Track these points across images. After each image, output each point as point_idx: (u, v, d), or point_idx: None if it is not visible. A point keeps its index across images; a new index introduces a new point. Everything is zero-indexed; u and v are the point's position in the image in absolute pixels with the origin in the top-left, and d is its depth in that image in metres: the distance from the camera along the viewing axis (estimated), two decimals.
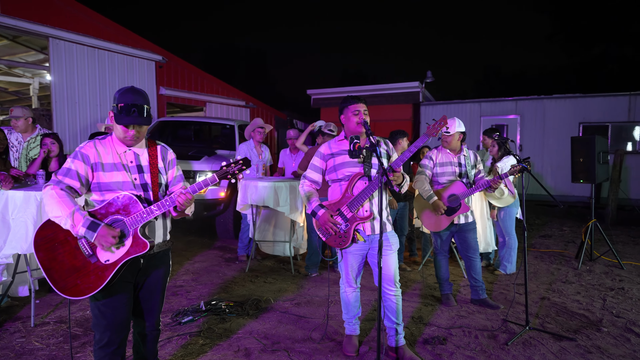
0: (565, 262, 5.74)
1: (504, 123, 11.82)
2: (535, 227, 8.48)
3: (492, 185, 3.82)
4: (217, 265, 5.37)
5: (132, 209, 2.11)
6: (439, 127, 2.83)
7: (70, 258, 2.12)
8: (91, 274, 2.10)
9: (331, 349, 3.08)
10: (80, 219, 2.02)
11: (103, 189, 2.15)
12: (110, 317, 2.14)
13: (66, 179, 2.10)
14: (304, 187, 3.01)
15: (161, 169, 2.32)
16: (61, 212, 2.02)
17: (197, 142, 7.89)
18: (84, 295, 2.08)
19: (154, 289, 2.33)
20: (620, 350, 3.16)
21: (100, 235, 2.01)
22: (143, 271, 2.26)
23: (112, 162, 2.18)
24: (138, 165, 2.24)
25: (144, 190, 2.22)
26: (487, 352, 3.07)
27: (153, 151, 2.32)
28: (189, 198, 2.16)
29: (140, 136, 2.23)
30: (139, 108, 2.14)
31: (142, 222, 2.10)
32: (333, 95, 14.25)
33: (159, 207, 2.13)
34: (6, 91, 14.27)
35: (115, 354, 2.17)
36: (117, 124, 2.15)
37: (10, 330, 3.29)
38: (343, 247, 2.89)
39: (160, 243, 2.29)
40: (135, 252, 2.10)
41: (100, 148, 2.19)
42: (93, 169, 2.15)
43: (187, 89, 11.73)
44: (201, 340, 3.19)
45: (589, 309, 4.00)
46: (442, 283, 4.17)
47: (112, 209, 2.12)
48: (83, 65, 9.26)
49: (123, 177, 2.17)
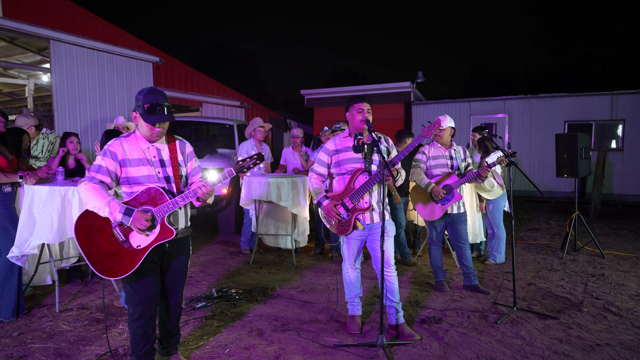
0: (551, 253, 6.08)
1: (493, 122, 12.21)
2: (524, 221, 8.84)
3: (481, 174, 4.12)
4: (222, 258, 5.62)
5: (159, 200, 2.36)
6: (433, 129, 3.12)
7: (106, 244, 2.37)
8: (125, 258, 2.35)
9: (336, 329, 3.36)
10: (117, 206, 2.28)
11: (131, 182, 2.40)
12: (142, 294, 2.40)
13: (98, 175, 2.35)
14: (312, 182, 3.29)
15: (181, 162, 2.55)
16: (98, 202, 2.27)
17: (197, 142, 8.11)
18: (120, 276, 2.32)
19: (178, 271, 2.59)
20: (598, 326, 3.48)
21: (135, 219, 2.26)
22: (168, 255, 2.51)
23: (138, 157, 2.41)
24: (160, 160, 2.47)
25: (167, 182, 2.45)
26: (479, 330, 3.37)
27: (173, 146, 2.54)
28: (209, 190, 2.41)
29: (164, 132, 2.47)
30: (163, 106, 2.38)
31: (168, 212, 2.35)
32: (326, 96, 14.54)
33: (183, 198, 2.38)
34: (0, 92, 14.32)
35: (146, 326, 2.43)
36: (144, 123, 2.39)
37: (38, 315, 3.52)
38: (345, 234, 3.18)
39: (182, 229, 2.54)
40: (163, 239, 2.36)
41: (126, 145, 2.42)
42: (121, 165, 2.39)
43: (183, 89, 11.94)
44: (216, 322, 3.45)
45: (571, 292, 4.34)
46: (437, 271, 4.47)
47: (141, 200, 2.36)
48: (83, 66, 9.43)
49: (148, 171, 2.41)
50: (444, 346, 3.06)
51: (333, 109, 14.42)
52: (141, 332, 2.42)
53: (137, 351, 2.43)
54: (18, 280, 3.49)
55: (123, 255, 2.36)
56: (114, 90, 10.09)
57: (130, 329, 2.43)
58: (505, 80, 32.45)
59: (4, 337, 3.14)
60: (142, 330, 2.42)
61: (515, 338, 3.22)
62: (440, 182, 4.28)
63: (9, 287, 3.44)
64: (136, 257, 2.35)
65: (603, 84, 22.17)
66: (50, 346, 2.99)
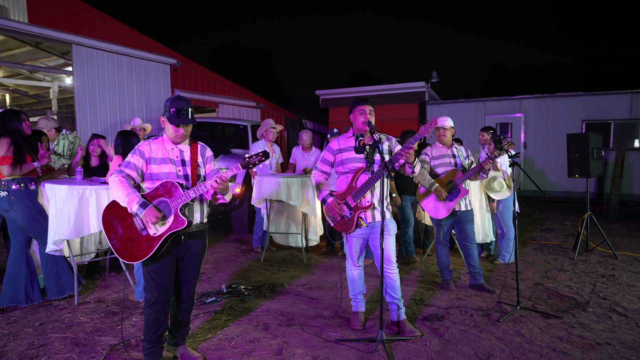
0: (562, 253, 6.05)
1: (509, 121, 12.10)
2: (538, 222, 8.77)
3: (483, 167, 4.16)
4: (234, 255, 5.78)
5: (174, 193, 2.55)
6: (430, 127, 3.19)
7: (127, 231, 2.58)
8: (143, 244, 2.53)
9: (340, 324, 3.46)
10: (135, 198, 2.49)
11: (154, 179, 2.63)
12: (158, 281, 2.58)
13: (126, 170, 2.60)
14: (315, 177, 3.40)
15: (200, 163, 2.76)
16: (121, 193, 2.51)
17: (212, 142, 8.31)
18: (137, 260, 2.52)
19: (191, 263, 2.74)
20: (601, 325, 3.50)
21: (147, 213, 2.46)
22: (183, 246, 2.68)
23: (162, 156, 2.65)
24: (182, 160, 2.69)
25: (185, 179, 2.66)
26: (480, 327, 3.43)
27: (194, 148, 2.77)
28: (222, 180, 2.54)
29: (187, 135, 2.70)
30: (187, 111, 2.63)
31: (181, 203, 2.53)
32: (341, 96, 14.63)
33: (194, 191, 2.55)
34: (27, 94, 14.86)
35: (160, 312, 2.60)
36: (170, 125, 2.62)
37: (58, 307, 3.72)
38: (348, 231, 3.28)
39: (197, 224, 2.71)
40: (176, 227, 2.52)
41: (154, 146, 2.67)
42: (147, 162, 2.63)
43: (200, 90, 12.19)
44: (224, 316, 3.59)
45: (578, 292, 4.34)
46: (443, 270, 4.52)
47: (159, 192, 2.57)
48: (103, 69, 9.74)
49: (169, 168, 2.64)
50: (443, 342, 3.13)
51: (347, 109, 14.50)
52: (154, 318, 2.58)
53: (149, 336, 2.59)
54: (27, 269, 3.75)
55: (141, 242, 2.54)
56: (133, 92, 10.40)
57: (145, 314, 2.60)
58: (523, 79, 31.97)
59: (27, 327, 3.34)
60: (155, 316, 2.58)
61: (515, 336, 3.26)
62: (444, 178, 4.33)
63: (16, 275, 3.72)
64: (152, 244, 2.52)
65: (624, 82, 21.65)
66: (69, 336, 3.17)
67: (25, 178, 3.77)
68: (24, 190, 3.76)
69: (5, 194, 3.70)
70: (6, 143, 3.66)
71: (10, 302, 3.72)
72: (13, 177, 3.71)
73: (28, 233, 3.81)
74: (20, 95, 14.95)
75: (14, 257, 3.80)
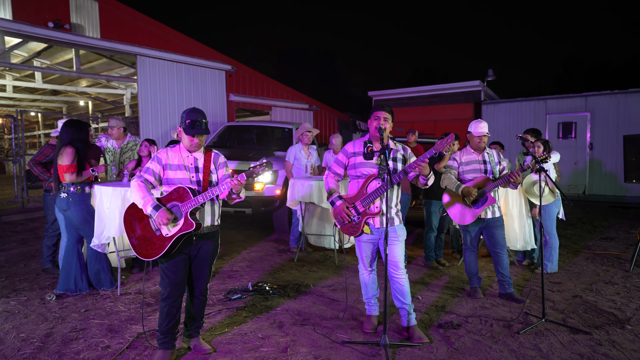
0: (617, 265, 5.61)
1: (572, 120, 11.31)
2: (599, 229, 8.14)
3: (510, 179, 3.96)
4: (270, 255, 6.01)
5: (185, 197, 2.78)
6: (446, 143, 3.14)
7: (144, 231, 2.86)
8: (156, 243, 2.80)
9: (352, 327, 3.53)
10: (150, 201, 2.75)
11: (170, 183, 2.89)
12: (172, 277, 2.82)
13: (145, 175, 2.88)
14: (328, 181, 3.48)
15: (212, 170, 2.98)
16: (138, 196, 2.79)
17: (258, 145, 8.66)
18: (151, 257, 2.80)
19: (203, 262, 2.96)
20: (635, 345, 3.24)
21: (159, 215, 2.72)
22: (195, 246, 2.91)
23: (178, 163, 2.90)
24: (195, 167, 2.93)
25: (198, 185, 2.89)
26: (496, 338, 3.32)
27: (208, 156, 2.99)
28: (241, 182, 2.73)
29: (201, 144, 2.92)
30: (201, 123, 2.86)
31: (191, 207, 2.75)
32: (394, 97, 14.49)
33: (203, 196, 2.77)
34: (105, 101, 16.37)
35: (173, 306, 2.85)
36: (185, 135, 2.85)
37: (103, 297, 4.15)
38: (354, 235, 3.33)
39: (208, 226, 2.93)
40: (185, 229, 2.74)
41: (171, 153, 2.93)
42: (164, 168, 2.89)
43: (254, 94, 12.69)
44: (245, 313, 3.80)
45: (620, 308, 4.03)
46: (471, 277, 4.39)
47: (172, 197, 2.82)
48: (164, 77, 10.49)
49: (183, 175, 2.88)
50: (451, 351, 3.09)
51: (400, 110, 14.33)
52: (167, 311, 2.83)
53: (162, 327, 2.85)
54: (78, 262, 4.20)
55: (155, 242, 2.81)
56: (190, 97, 11.08)
57: (160, 307, 2.87)
58: (600, 74, 29.43)
59: (74, 312, 3.77)
60: (167, 309, 2.83)
61: (531, 349, 3.13)
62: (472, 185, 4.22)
63: (68, 266, 4.17)
64: (164, 244, 2.77)
65: None
66: (106, 323, 3.54)
67: (82, 183, 4.24)
68: (80, 194, 4.22)
69: (65, 195, 4.18)
70: (71, 153, 4.11)
71: (63, 289, 4.20)
72: (73, 182, 4.18)
73: (79, 231, 4.28)
74: (101, 102, 16.51)
75: (67, 251, 4.28)
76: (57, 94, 16.91)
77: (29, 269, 5.12)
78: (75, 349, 3.07)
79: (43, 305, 3.92)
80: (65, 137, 4.17)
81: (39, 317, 3.64)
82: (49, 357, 2.95)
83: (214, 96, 11.63)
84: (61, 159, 4.07)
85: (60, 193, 4.16)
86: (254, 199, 6.87)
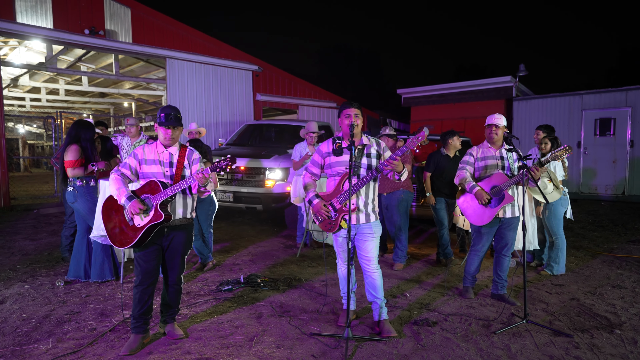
0: (635, 269, 5.30)
1: (611, 116, 10.66)
2: (631, 232, 7.67)
3: (530, 173, 3.72)
4: (276, 250, 6.17)
5: (156, 190, 2.98)
6: (417, 140, 3.13)
7: (119, 221, 3.08)
8: (129, 233, 3.01)
9: (328, 320, 3.59)
10: (124, 193, 2.97)
11: (145, 177, 3.08)
12: (144, 266, 3.03)
13: (122, 169, 3.09)
14: (305, 179, 3.57)
15: (186, 165, 3.15)
16: (114, 188, 3.02)
17: (276, 143, 8.84)
18: (124, 246, 3.01)
19: (176, 253, 3.14)
20: (616, 350, 3.10)
21: (131, 205, 2.92)
22: (167, 237, 3.09)
23: (153, 158, 3.09)
24: (170, 162, 3.11)
25: (171, 179, 3.07)
26: (468, 337, 3.28)
27: (183, 152, 3.17)
28: (205, 176, 2.89)
29: (174, 136, 3.09)
30: (174, 116, 3.07)
31: (161, 199, 2.94)
32: (423, 94, 14.26)
33: (172, 189, 2.95)
34: (147, 102, 17.24)
35: (145, 293, 3.05)
36: (160, 128, 3.07)
37: (107, 285, 4.45)
38: (332, 231, 3.39)
39: (180, 218, 3.10)
40: (155, 220, 2.93)
41: (147, 149, 3.12)
42: (140, 163, 3.08)
43: (280, 93, 12.93)
44: (230, 304, 3.96)
45: (617, 312, 3.83)
46: (466, 276, 4.28)
47: (145, 190, 3.02)
48: (192, 78, 10.94)
49: (158, 169, 3.07)
50: (416, 347, 3.09)
51: (429, 107, 14.09)
52: (139, 297, 3.04)
53: (134, 312, 3.05)
54: (87, 251, 4.51)
55: (128, 231, 3.03)
56: (217, 97, 11.47)
57: (133, 294, 3.08)
58: None
59: (76, 297, 4.09)
60: (139, 296, 3.04)
61: (500, 349, 3.07)
62: (485, 180, 3.99)
63: (78, 254, 4.50)
64: (136, 234, 2.98)
65: None
66: (100, 307, 3.82)
67: (86, 176, 4.57)
68: (86, 187, 4.56)
69: (72, 189, 4.53)
70: (76, 150, 4.47)
71: (73, 276, 4.55)
72: (78, 176, 4.53)
73: (87, 222, 4.62)
74: (143, 103, 17.41)
75: (78, 240, 4.63)
76: (104, 96, 18.05)
77: (52, 257, 5.57)
78: (65, 330, 3.35)
79: (51, 290, 4.27)
80: (73, 136, 4.52)
81: (44, 300, 3.98)
82: (40, 336, 3.24)
83: (241, 96, 11.97)
84: (67, 155, 4.41)
85: (67, 187, 4.51)
86: (265, 195, 7.05)
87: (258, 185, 7.11)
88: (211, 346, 3.07)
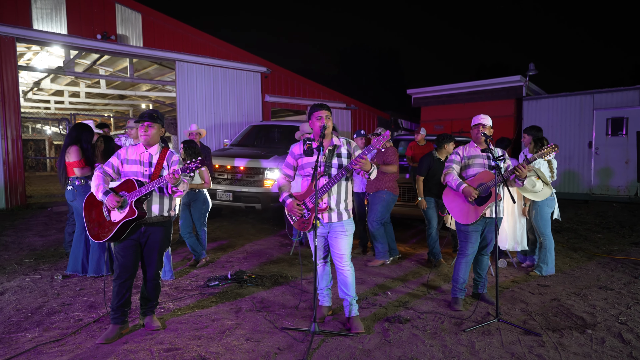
0: (629, 271, 5.23)
1: (624, 116, 10.41)
2: (636, 234, 7.52)
3: (515, 171, 3.74)
4: (271, 248, 6.31)
5: (132, 188, 3.15)
6: (381, 140, 3.21)
7: (98, 216, 3.28)
8: (106, 228, 3.20)
9: (304, 316, 3.70)
10: (102, 189, 3.16)
11: (126, 176, 3.27)
12: (121, 260, 3.21)
13: (105, 167, 3.30)
14: (279, 180, 3.70)
15: (165, 166, 3.32)
16: (94, 185, 3.21)
17: (279, 143, 9.00)
18: (101, 240, 3.20)
19: (152, 249, 3.31)
20: (581, 349, 3.11)
21: (108, 199, 3.11)
22: (144, 234, 3.27)
23: (134, 158, 3.29)
24: (149, 162, 3.30)
25: (149, 178, 3.24)
26: (436, 334, 3.34)
27: (163, 154, 3.35)
28: (176, 176, 3.04)
29: (150, 134, 3.25)
30: (147, 114, 3.27)
31: (135, 197, 3.11)
32: (433, 94, 14.20)
33: (146, 187, 3.12)
34: (164, 104, 17.69)
35: (122, 286, 3.23)
36: (138, 127, 3.26)
37: (102, 279, 4.67)
38: (306, 230, 3.51)
39: (157, 215, 3.27)
40: (129, 217, 3.11)
41: (130, 150, 3.33)
42: (122, 163, 3.28)
43: (289, 95, 13.09)
44: (213, 298, 4.11)
45: (595, 313, 3.82)
46: (454, 285, 4.02)
47: (122, 187, 3.21)
48: (200, 81, 11.20)
49: (137, 168, 3.26)
50: (381, 343, 3.17)
51: (439, 107, 14.03)
52: (117, 290, 3.22)
53: (113, 304, 3.24)
54: (85, 247, 4.75)
55: (105, 226, 3.22)
56: (226, 99, 11.71)
57: (112, 287, 3.26)
58: None
59: (70, 290, 4.32)
60: (117, 289, 3.22)
61: (463, 346, 3.13)
62: (473, 178, 3.99)
63: (77, 250, 4.72)
64: (112, 229, 3.17)
65: None
66: (90, 300, 4.03)
67: (85, 176, 4.81)
68: (84, 186, 4.79)
69: (71, 188, 4.77)
70: (77, 150, 4.72)
71: (72, 270, 4.79)
72: (85, 175, 4.76)
73: None
74: (160, 105, 17.87)
75: (76, 236, 4.87)
76: (123, 99, 18.62)
77: (57, 252, 5.85)
78: (53, 320, 3.56)
79: (49, 283, 4.52)
80: (74, 137, 4.77)
81: (40, 293, 4.22)
82: (29, 325, 3.46)
83: (249, 97, 12.18)
84: (68, 157, 4.66)
85: (67, 186, 4.76)
86: (264, 195, 7.21)
87: (257, 185, 7.27)
88: (184, 337, 3.23)
